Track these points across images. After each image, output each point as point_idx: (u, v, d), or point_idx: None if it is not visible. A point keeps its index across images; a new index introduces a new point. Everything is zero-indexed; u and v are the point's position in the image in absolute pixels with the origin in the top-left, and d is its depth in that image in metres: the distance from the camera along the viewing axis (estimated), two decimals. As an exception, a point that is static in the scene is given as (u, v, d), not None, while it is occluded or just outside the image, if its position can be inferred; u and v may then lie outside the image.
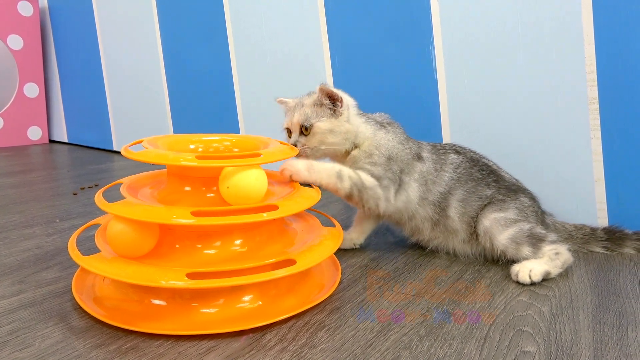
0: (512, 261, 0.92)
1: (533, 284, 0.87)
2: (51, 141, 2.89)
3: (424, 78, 1.36)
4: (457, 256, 1.00)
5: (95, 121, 2.58)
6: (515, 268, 0.89)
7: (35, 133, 2.77)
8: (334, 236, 0.84)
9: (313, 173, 0.89)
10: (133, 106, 2.34)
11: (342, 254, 1.02)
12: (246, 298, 0.75)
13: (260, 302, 0.75)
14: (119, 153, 2.46)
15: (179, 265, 0.71)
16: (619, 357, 0.64)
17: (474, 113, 1.29)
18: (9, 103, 2.62)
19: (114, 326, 0.70)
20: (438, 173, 0.99)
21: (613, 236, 1.02)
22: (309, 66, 1.62)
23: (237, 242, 0.78)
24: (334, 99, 0.95)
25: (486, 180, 0.99)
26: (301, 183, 0.89)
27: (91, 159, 2.26)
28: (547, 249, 0.90)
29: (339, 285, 0.86)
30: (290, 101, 1.02)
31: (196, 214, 0.68)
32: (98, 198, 0.78)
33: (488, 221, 0.94)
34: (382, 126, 0.99)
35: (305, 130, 0.95)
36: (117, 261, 0.71)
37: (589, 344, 0.67)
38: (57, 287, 0.84)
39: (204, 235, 0.77)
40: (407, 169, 0.97)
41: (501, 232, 0.93)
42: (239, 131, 1.90)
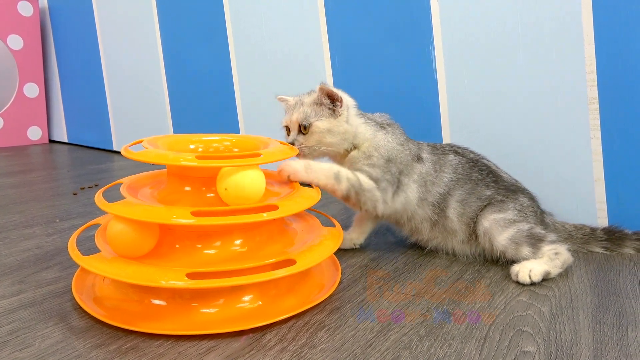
0: (512, 261, 0.92)
1: (533, 284, 0.87)
2: (51, 141, 2.89)
3: (424, 78, 1.36)
4: (457, 256, 1.01)
5: (95, 121, 2.58)
6: (515, 268, 0.89)
7: (35, 133, 2.77)
8: (334, 236, 0.84)
9: (311, 173, 0.89)
10: (133, 106, 2.35)
11: (342, 254, 1.02)
12: (246, 298, 0.75)
13: (260, 302, 0.75)
14: (119, 153, 2.46)
15: (179, 265, 0.71)
16: (619, 357, 0.64)
17: (474, 113, 1.29)
18: (9, 103, 2.62)
19: (114, 326, 0.70)
20: (437, 174, 0.99)
21: (613, 236, 1.02)
22: (309, 66, 1.62)
23: (237, 242, 0.78)
24: (334, 99, 0.95)
25: (485, 180, 0.99)
26: (301, 183, 0.89)
27: (91, 159, 2.26)
28: (547, 249, 0.90)
29: (339, 285, 0.86)
30: (290, 99, 1.02)
31: (196, 214, 0.68)
32: (98, 198, 0.78)
33: (487, 222, 0.94)
34: (382, 127, 0.99)
35: (303, 129, 0.95)
36: (117, 261, 0.71)
37: (589, 344, 0.67)
38: (57, 287, 0.84)
39: (204, 235, 0.77)
40: (407, 171, 0.97)
41: (501, 233, 0.93)
42: (239, 131, 1.90)
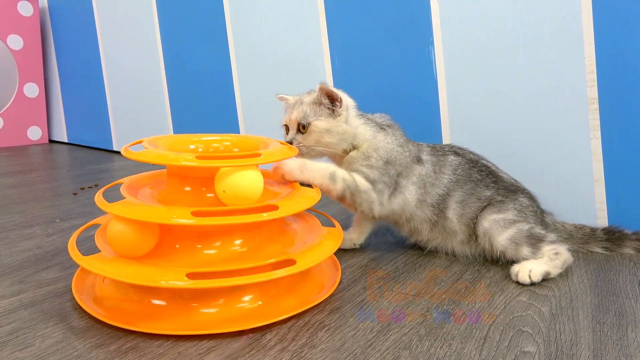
0: (512, 261, 0.92)
1: (533, 284, 0.87)
2: (51, 141, 2.89)
3: (424, 78, 1.36)
4: (457, 257, 1.01)
5: (95, 121, 2.58)
6: (515, 268, 0.89)
7: (35, 133, 2.77)
8: (334, 236, 0.84)
9: (306, 172, 0.88)
10: (133, 106, 2.35)
11: (342, 254, 1.02)
12: (246, 298, 0.75)
13: (260, 302, 0.75)
14: (119, 153, 2.46)
15: (179, 265, 0.71)
16: (619, 357, 0.64)
17: (474, 113, 1.29)
18: (9, 103, 2.62)
19: (114, 326, 0.70)
20: (437, 175, 0.98)
21: (613, 236, 1.02)
22: (309, 66, 1.62)
23: (237, 242, 0.78)
24: (333, 99, 0.95)
25: (485, 181, 0.99)
26: (300, 183, 0.89)
27: (91, 159, 2.26)
28: (547, 249, 0.91)
29: (339, 285, 0.86)
30: (290, 98, 1.02)
31: (196, 214, 0.68)
32: (98, 198, 0.78)
33: (487, 222, 0.94)
34: (382, 128, 0.99)
35: (302, 128, 0.95)
36: (117, 261, 0.71)
37: (589, 344, 0.67)
38: (57, 287, 0.84)
39: (204, 235, 0.77)
40: (405, 173, 0.96)
41: (500, 233, 0.93)
42: (239, 131, 1.90)
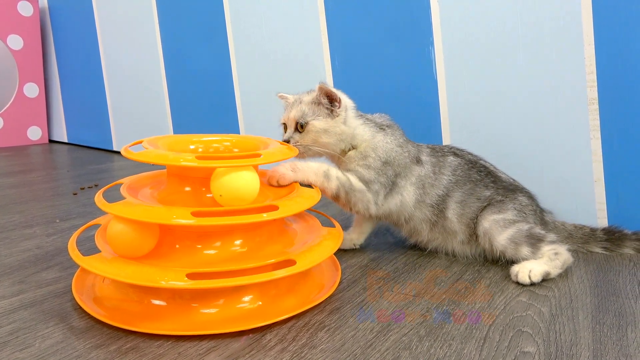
0: (512, 262, 0.92)
1: (533, 285, 0.87)
2: (51, 141, 2.89)
3: (424, 78, 1.37)
4: (457, 257, 1.01)
5: (95, 121, 2.58)
6: (514, 268, 0.89)
7: (35, 133, 2.77)
8: (334, 236, 0.84)
9: (299, 172, 0.88)
10: (133, 106, 2.35)
11: (342, 254, 1.02)
12: (246, 298, 0.75)
13: (260, 303, 0.75)
14: (119, 153, 2.46)
15: (179, 265, 0.71)
16: (619, 358, 0.64)
17: (474, 113, 1.29)
18: (9, 103, 2.62)
19: (114, 326, 0.70)
20: (437, 176, 0.98)
21: (612, 236, 1.02)
22: (309, 66, 1.62)
23: (237, 243, 0.78)
24: (332, 99, 0.95)
25: (484, 181, 1.00)
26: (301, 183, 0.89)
27: (91, 159, 2.26)
28: (546, 249, 0.91)
29: (339, 285, 0.86)
30: (290, 97, 1.02)
31: (196, 214, 0.68)
32: (98, 198, 0.78)
33: (487, 223, 0.94)
34: (381, 128, 0.99)
35: (300, 127, 0.95)
36: (117, 261, 0.71)
37: (589, 345, 0.67)
38: (57, 288, 0.84)
39: (204, 235, 0.77)
40: (404, 173, 0.96)
41: (500, 233, 0.93)
42: (239, 131, 1.90)
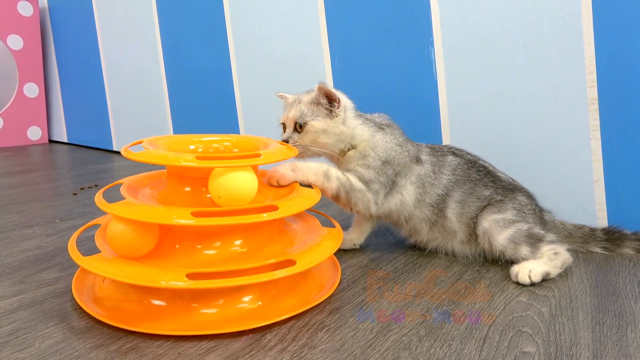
0: (512, 262, 0.92)
1: (533, 285, 0.87)
2: (51, 141, 2.89)
3: (424, 78, 1.37)
4: (456, 257, 1.01)
5: (95, 121, 2.58)
6: (514, 269, 0.89)
7: (35, 133, 2.77)
8: (334, 236, 0.84)
9: (299, 172, 0.88)
10: (133, 106, 2.35)
11: (342, 255, 1.02)
12: (246, 298, 0.75)
13: (260, 303, 0.75)
14: (119, 153, 2.46)
15: (179, 265, 0.71)
16: (618, 358, 0.64)
17: (474, 113, 1.29)
18: (9, 103, 2.62)
19: (114, 326, 0.70)
20: (436, 175, 0.99)
21: (612, 236, 1.02)
22: (309, 66, 1.62)
23: (237, 243, 0.78)
24: (332, 99, 0.95)
25: (483, 181, 1.00)
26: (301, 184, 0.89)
27: (91, 159, 2.26)
28: (546, 249, 0.91)
29: (339, 285, 0.86)
30: (289, 96, 1.02)
31: (196, 215, 0.68)
32: (98, 198, 0.78)
33: (487, 222, 0.95)
34: (381, 128, 0.99)
35: (299, 127, 0.95)
36: (117, 261, 0.71)
37: (589, 345, 0.67)
38: (57, 288, 0.84)
39: (204, 235, 0.77)
40: (404, 172, 0.96)
41: (500, 233, 0.93)
42: (239, 131, 1.90)
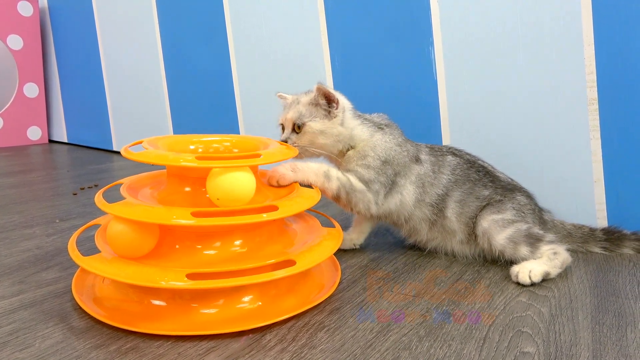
0: (511, 262, 0.92)
1: (533, 285, 0.87)
2: (51, 141, 2.89)
3: (424, 78, 1.37)
4: (456, 257, 1.01)
5: (95, 121, 2.58)
6: (515, 269, 0.89)
7: (35, 133, 2.77)
8: (334, 237, 0.84)
9: (299, 173, 0.88)
10: (133, 106, 2.35)
11: (342, 255, 1.02)
12: (246, 298, 0.75)
13: (260, 303, 0.75)
14: (119, 153, 2.46)
15: (179, 265, 0.71)
16: (618, 358, 0.64)
17: (474, 113, 1.29)
18: (9, 103, 2.62)
19: (114, 327, 0.70)
20: (436, 175, 0.99)
21: (612, 237, 1.02)
22: (309, 66, 1.62)
23: (237, 243, 0.78)
24: (330, 100, 0.95)
25: (483, 181, 1.00)
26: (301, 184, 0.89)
27: (91, 159, 2.26)
28: (545, 249, 0.91)
29: (339, 285, 0.86)
30: (289, 97, 1.02)
31: (196, 215, 0.68)
32: (98, 198, 0.78)
33: (486, 222, 0.95)
34: (380, 128, 0.99)
35: (297, 128, 0.95)
36: (117, 262, 0.71)
37: (588, 345, 0.67)
38: (57, 288, 0.84)
39: (204, 235, 0.77)
40: (403, 172, 0.96)
41: (499, 233, 0.93)
42: (239, 131, 1.90)
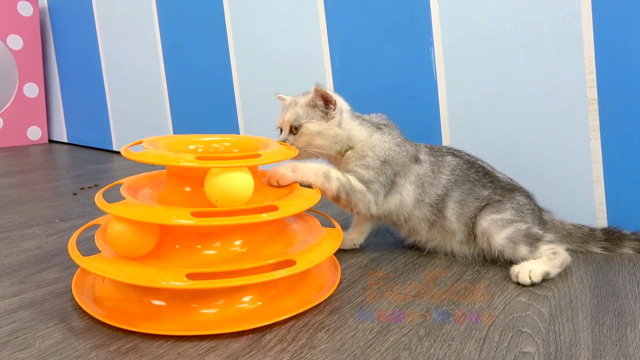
0: (511, 262, 0.92)
1: (533, 285, 0.87)
2: (51, 141, 2.89)
3: (424, 78, 1.37)
4: (456, 257, 1.01)
5: (95, 121, 2.58)
6: (515, 269, 0.89)
7: (34, 133, 2.77)
8: (334, 237, 0.84)
9: (299, 173, 0.88)
10: (133, 106, 2.35)
11: (342, 255, 1.02)
12: (246, 298, 0.75)
13: (260, 303, 0.75)
14: (119, 153, 2.46)
15: (179, 265, 0.71)
16: (618, 358, 0.64)
17: (474, 113, 1.29)
18: (9, 103, 2.62)
19: (114, 327, 0.70)
20: (435, 175, 0.99)
21: (612, 236, 1.02)
22: (309, 66, 1.62)
23: (237, 243, 0.78)
24: (328, 101, 0.95)
25: (482, 181, 1.00)
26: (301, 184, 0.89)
27: (91, 159, 2.26)
28: (545, 249, 0.91)
29: (339, 285, 0.86)
30: (287, 98, 1.02)
31: (196, 215, 0.68)
32: (98, 198, 0.78)
33: (486, 222, 0.95)
34: (379, 128, 0.99)
35: (294, 129, 0.95)
36: (117, 262, 0.71)
37: (588, 345, 0.67)
38: (57, 288, 0.84)
39: (204, 235, 0.77)
40: (403, 172, 0.97)
41: (498, 233, 0.93)
42: (239, 131, 1.90)
